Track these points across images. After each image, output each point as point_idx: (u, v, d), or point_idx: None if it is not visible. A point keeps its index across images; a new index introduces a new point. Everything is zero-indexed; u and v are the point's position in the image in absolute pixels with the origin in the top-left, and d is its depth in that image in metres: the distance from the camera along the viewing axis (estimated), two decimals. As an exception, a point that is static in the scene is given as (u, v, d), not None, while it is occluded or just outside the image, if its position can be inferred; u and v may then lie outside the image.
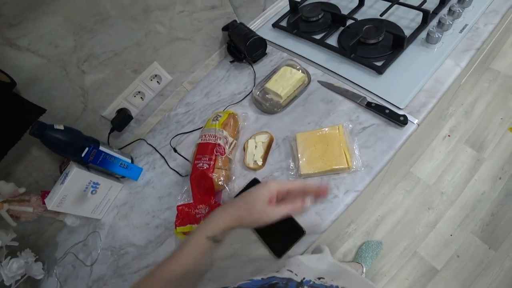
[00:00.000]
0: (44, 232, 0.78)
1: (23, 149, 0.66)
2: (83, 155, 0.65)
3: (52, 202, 0.63)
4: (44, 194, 0.68)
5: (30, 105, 0.59)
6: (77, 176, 0.65)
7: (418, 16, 0.71)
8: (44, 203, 0.66)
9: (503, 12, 0.69)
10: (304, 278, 0.36)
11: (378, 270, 1.24)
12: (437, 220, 1.28)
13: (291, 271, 0.37)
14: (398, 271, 1.22)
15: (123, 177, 0.77)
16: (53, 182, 0.68)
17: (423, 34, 0.69)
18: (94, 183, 0.69)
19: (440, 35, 0.65)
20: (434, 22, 0.71)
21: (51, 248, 0.77)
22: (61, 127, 0.61)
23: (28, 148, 0.67)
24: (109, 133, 0.76)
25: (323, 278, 0.41)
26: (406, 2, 0.73)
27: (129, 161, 0.77)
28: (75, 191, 0.66)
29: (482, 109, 1.49)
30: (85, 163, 0.68)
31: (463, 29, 0.67)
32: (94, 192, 0.70)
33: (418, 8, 0.70)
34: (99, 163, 0.69)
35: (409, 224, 1.31)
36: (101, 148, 0.69)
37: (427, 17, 0.69)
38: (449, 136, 1.47)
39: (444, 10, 0.72)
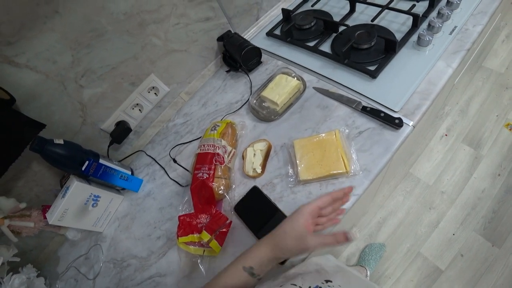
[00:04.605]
0: (45, 247, 0.78)
1: (23, 164, 0.66)
2: (83, 168, 0.65)
3: (54, 217, 0.63)
4: (45, 208, 0.68)
5: (29, 121, 0.60)
6: (78, 190, 0.66)
7: (409, 20, 0.73)
8: (45, 217, 0.66)
9: (490, 12, 0.71)
10: (309, 287, 0.36)
11: (383, 273, 1.23)
12: (439, 220, 1.28)
13: (294, 285, 0.37)
14: (402, 273, 1.22)
15: (123, 189, 0.78)
16: (54, 196, 0.69)
17: (414, 37, 0.71)
18: (95, 196, 0.70)
19: (431, 38, 0.67)
20: (424, 25, 0.72)
21: (52, 263, 0.76)
22: (61, 142, 0.62)
23: (29, 163, 0.67)
24: (109, 146, 0.77)
25: (331, 281, 0.41)
26: (396, 7, 0.75)
27: (129, 173, 0.77)
28: (76, 205, 0.66)
29: (477, 107, 1.51)
30: (86, 177, 0.69)
31: (452, 31, 0.69)
32: (95, 205, 0.70)
33: (408, 12, 0.72)
34: (100, 176, 0.69)
35: (411, 225, 1.31)
36: (101, 161, 0.69)
37: (417, 20, 0.70)
38: (446, 135, 1.48)
39: (433, 13, 0.74)
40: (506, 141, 1.38)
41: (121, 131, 0.76)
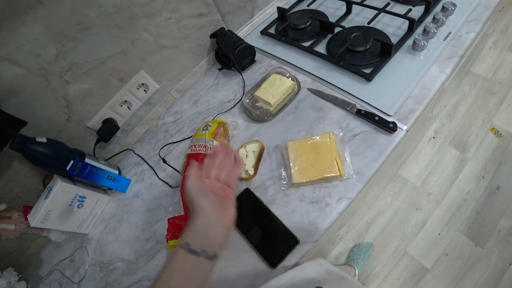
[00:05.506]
0: (27, 249, 0.74)
1: (4, 164, 0.63)
2: (68, 168, 0.62)
3: (36, 219, 0.60)
4: (27, 209, 0.65)
5: (10, 117, 0.56)
6: (61, 190, 0.63)
7: (404, 24, 0.73)
8: (26, 219, 0.63)
9: (483, 20, 0.71)
10: None
11: (370, 272, 1.25)
12: (425, 220, 1.31)
13: None
14: (389, 271, 1.24)
15: (110, 189, 0.75)
16: (36, 196, 0.65)
17: (409, 42, 0.71)
18: (80, 196, 0.67)
19: (426, 43, 0.67)
20: (419, 30, 0.72)
21: (35, 266, 0.73)
22: (44, 140, 0.58)
23: (9, 162, 0.64)
24: (95, 144, 0.74)
25: (321, 287, 0.40)
26: (392, 10, 0.75)
27: (117, 172, 0.74)
28: (60, 206, 0.63)
29: (464, 111, 1.54)
30: (71, 177, 0.66)
31: (447, 36, 0.69)
32: (80, 206, 0.68)
33: (404, 16, 0.72)
34: (85, 176, 0.66)
35: (398, 225, 1.33)
36: (87, 160, 0.67)
37: (413, 25, 0.70)
38: (434, 138, 1.51)
39: (429, 18, 0.74)
40: (490, 144, 1.42)
41: (109, 129, 0.74)
